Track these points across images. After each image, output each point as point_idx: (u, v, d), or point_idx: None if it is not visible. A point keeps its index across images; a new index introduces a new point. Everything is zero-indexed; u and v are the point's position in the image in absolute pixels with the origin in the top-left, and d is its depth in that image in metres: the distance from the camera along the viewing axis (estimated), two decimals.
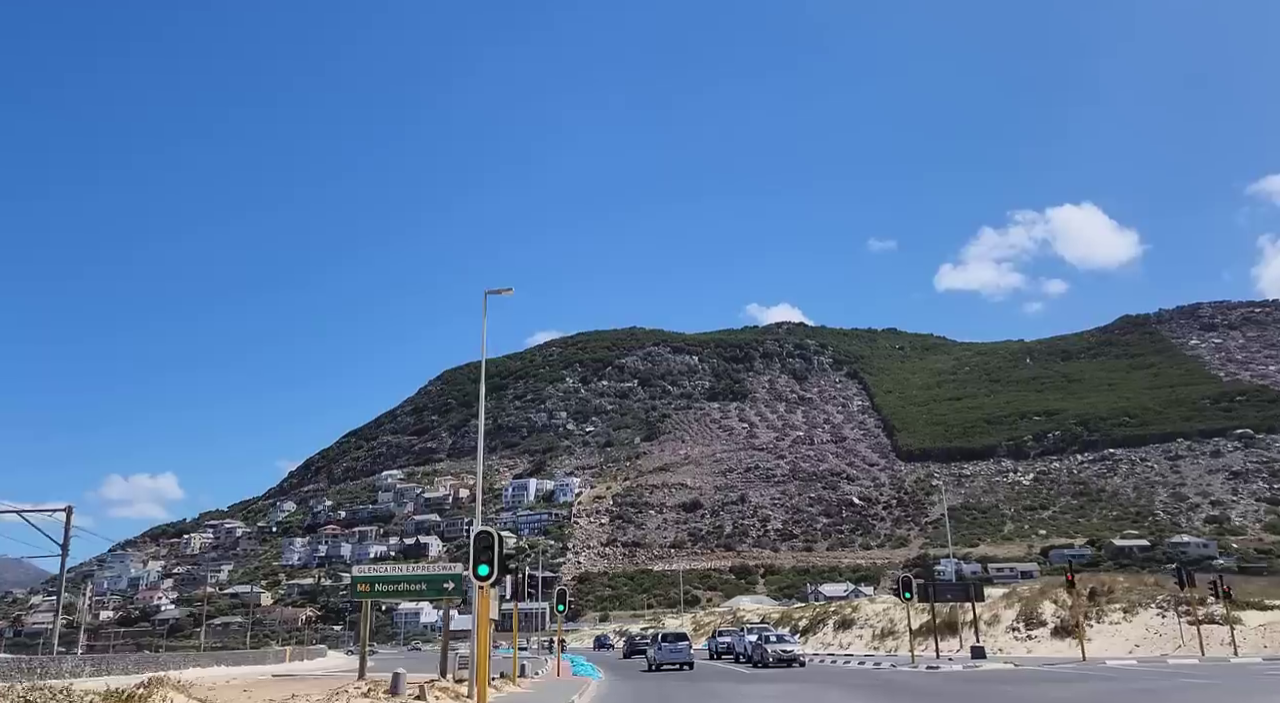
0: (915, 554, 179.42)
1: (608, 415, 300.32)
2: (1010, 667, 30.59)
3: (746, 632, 47.85)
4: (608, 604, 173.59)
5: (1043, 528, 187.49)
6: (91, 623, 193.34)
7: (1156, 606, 33.31)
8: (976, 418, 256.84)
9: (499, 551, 18.78)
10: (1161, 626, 32.28)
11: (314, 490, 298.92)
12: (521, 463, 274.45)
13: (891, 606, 51.29)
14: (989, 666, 31.13)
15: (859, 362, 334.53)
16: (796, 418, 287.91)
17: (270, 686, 30.15)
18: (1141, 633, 32.78)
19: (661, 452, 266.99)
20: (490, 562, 18.52)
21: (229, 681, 35.02)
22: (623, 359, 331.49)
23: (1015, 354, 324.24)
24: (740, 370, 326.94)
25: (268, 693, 24.04)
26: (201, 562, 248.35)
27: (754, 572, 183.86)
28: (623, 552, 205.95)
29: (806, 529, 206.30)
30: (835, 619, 53.85)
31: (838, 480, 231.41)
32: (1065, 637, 34.73)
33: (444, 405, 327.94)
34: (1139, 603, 34.21)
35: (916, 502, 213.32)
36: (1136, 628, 33.22)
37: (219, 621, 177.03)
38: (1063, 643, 35.87)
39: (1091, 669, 27.47)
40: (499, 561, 18.75)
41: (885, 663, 36.19)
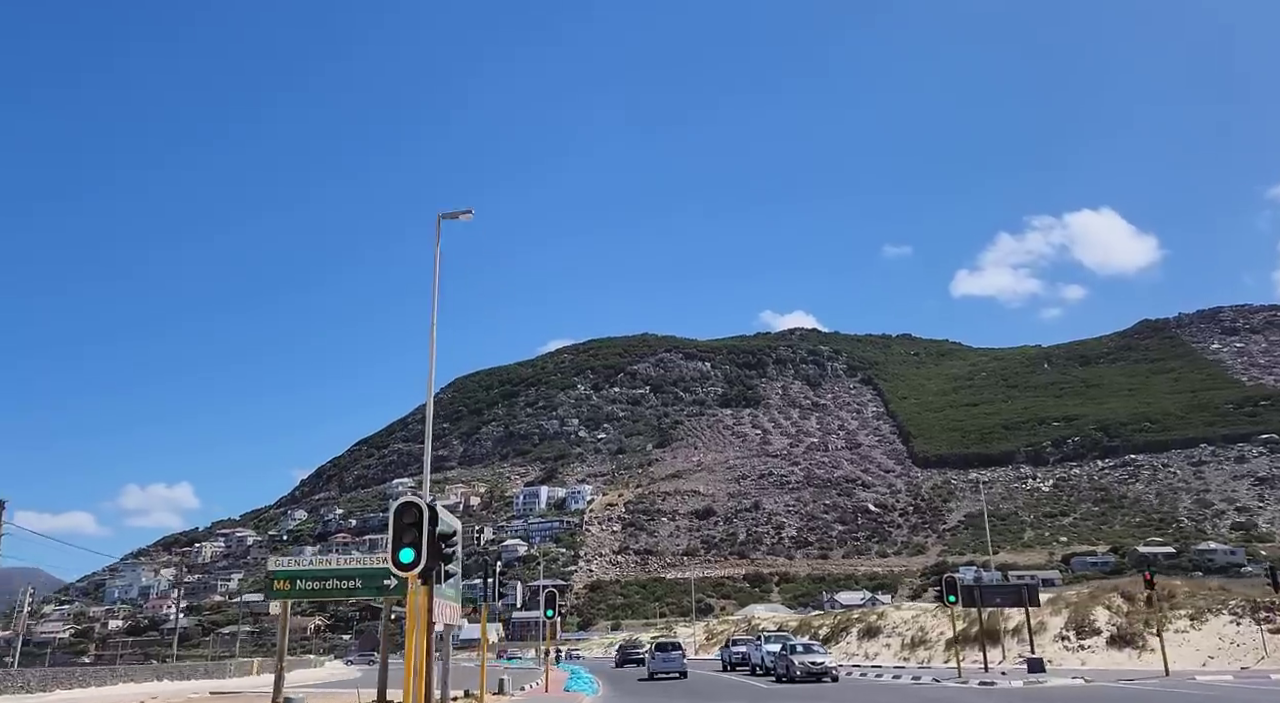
0: (933, 562, 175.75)
1: (620, 422, 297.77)
2: (1079, 682, 26.90)
3: (765, 640, 43.32)
4: (620, 613, 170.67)
5: (1063, 535, 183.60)
6: (101, 632, 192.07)
7: (1230, 612, 30.18)
8: (994, 424, 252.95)
9: (429, 529, 13.11)
10: (1236, 634, 29.12)
11: (325, 499, 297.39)
12: (533, 471, 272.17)
13: (921, 612, 47.92)
14: (1054, 682, 27.33)
15: (873, 368, 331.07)
16: (810, 424, 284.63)
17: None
18: (1214, 643, 29.45)
19: (674, 459, 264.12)
20: (417, 545, 12.92)
21: (146, 700, 32.39)
22: (635, 366, 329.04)
23: (1033, 359, 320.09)
24: (753, 377, 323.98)
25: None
26: (212, 571, 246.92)
27: (768, 580, 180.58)
28: (635, 560, 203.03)
29: (822, 537, 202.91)
30: (859, 627, 50.62)
31: (853, 487, 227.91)
32: (1124, 647, 31.74)
33: (455, 413, 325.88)
34: (1207, 609, 31.10)
35: (934, 508, 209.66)
36: (1207, 637, 29.91)
37: (227, 630, 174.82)
38: (1120, 654, 32.49)
39: (1178, 686, 24.03)
40: (429, 543, 13.10)
41: (925, 677, 32.49)
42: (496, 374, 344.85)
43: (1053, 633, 35.20)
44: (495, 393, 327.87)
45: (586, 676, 41.23)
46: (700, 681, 36.74)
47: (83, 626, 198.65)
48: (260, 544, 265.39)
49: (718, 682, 35.74)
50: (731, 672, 44.20)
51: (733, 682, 35.26)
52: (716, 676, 41.06)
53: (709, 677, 40.10)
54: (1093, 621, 33.48)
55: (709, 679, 37.76)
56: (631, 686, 34.39)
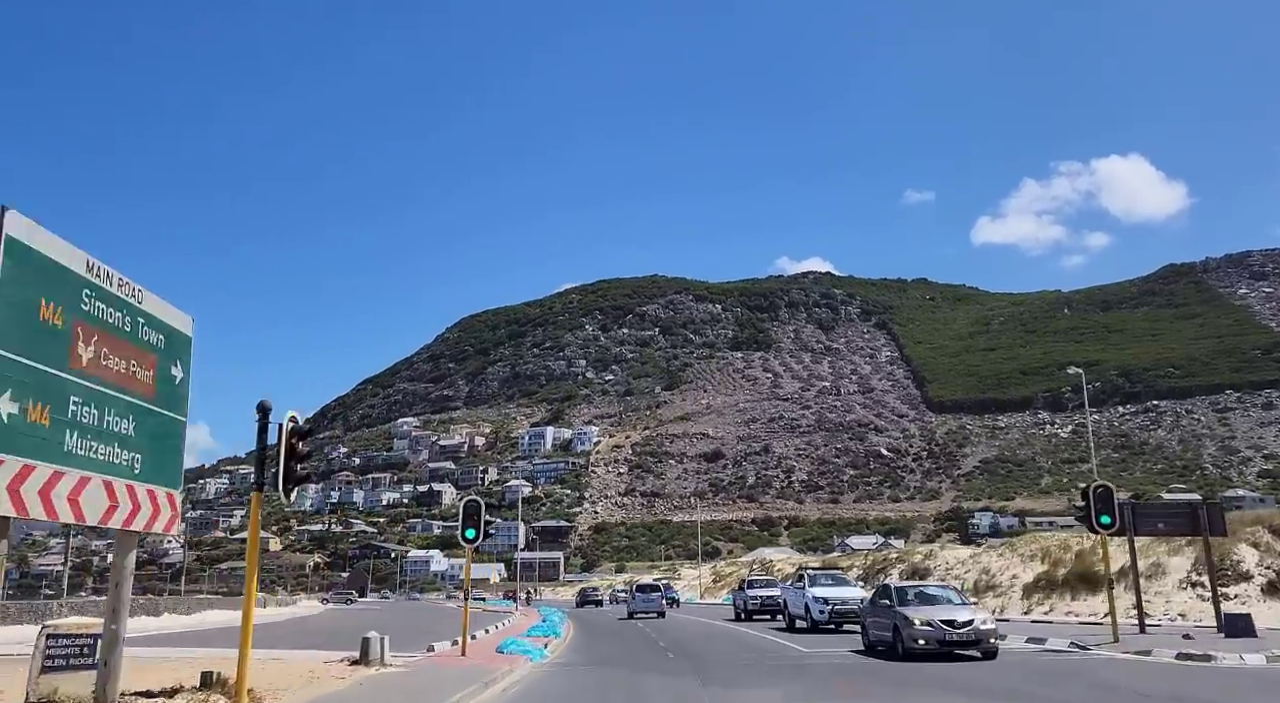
0: (947, 507, 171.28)
1: (628, 364, 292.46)
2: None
3: (811, 581, 28.32)
4: (625, 555, 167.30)
5: (1082, 481, 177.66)
6: (100, 565, 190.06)
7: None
8: (1011, 369, 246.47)
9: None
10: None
11: (329, 438, 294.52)
12: (539, 411, 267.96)
13: (980, 551, 41.19)
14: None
15: (888, 312, 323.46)
16: (822, 368, 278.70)
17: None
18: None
19: (683, 401, 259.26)
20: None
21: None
22: (644, 307, 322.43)
23: (1052, 304, 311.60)
24: (765, 320, 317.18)
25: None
26: (215, 507, 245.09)
27: (777, 524, 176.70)
28: (641, 502, 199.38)
29: (833, 481, 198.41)
30: (900, 570, 42.49)
31: (865, 432, 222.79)
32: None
33: (461, 353, 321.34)
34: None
35: (948, 454, 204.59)
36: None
37: (225, 565, 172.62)
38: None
39: None
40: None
41: (1058, 641, 20.59)
42: (504, 314, 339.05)
43: (1175, 577, 27.90)
44: (502, 333, 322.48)
45: (550, 626, 30.16)
46: (708, 636, 26.50)
47: (83, 559, 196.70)
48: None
49: (740, 640, 24.70)
50: (746, 621, 33.43)
51: (770, 644, 22.90)
52: (733, 629, 30.03)
53: (724, 630, 29.49)
54: (1237, 562, 26.64)
55: (725, 636, 26.75)
56: (608, 645, 24.51)
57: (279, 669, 15.46)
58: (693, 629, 30.65)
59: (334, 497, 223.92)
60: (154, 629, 30.77)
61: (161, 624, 36.11)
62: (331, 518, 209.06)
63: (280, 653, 19.52)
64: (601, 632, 30.46)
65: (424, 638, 23.47)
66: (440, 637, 23.93)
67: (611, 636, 27.97)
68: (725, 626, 31.96)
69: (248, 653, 10.32)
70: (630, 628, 31.81)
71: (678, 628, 30.99)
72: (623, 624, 34.11)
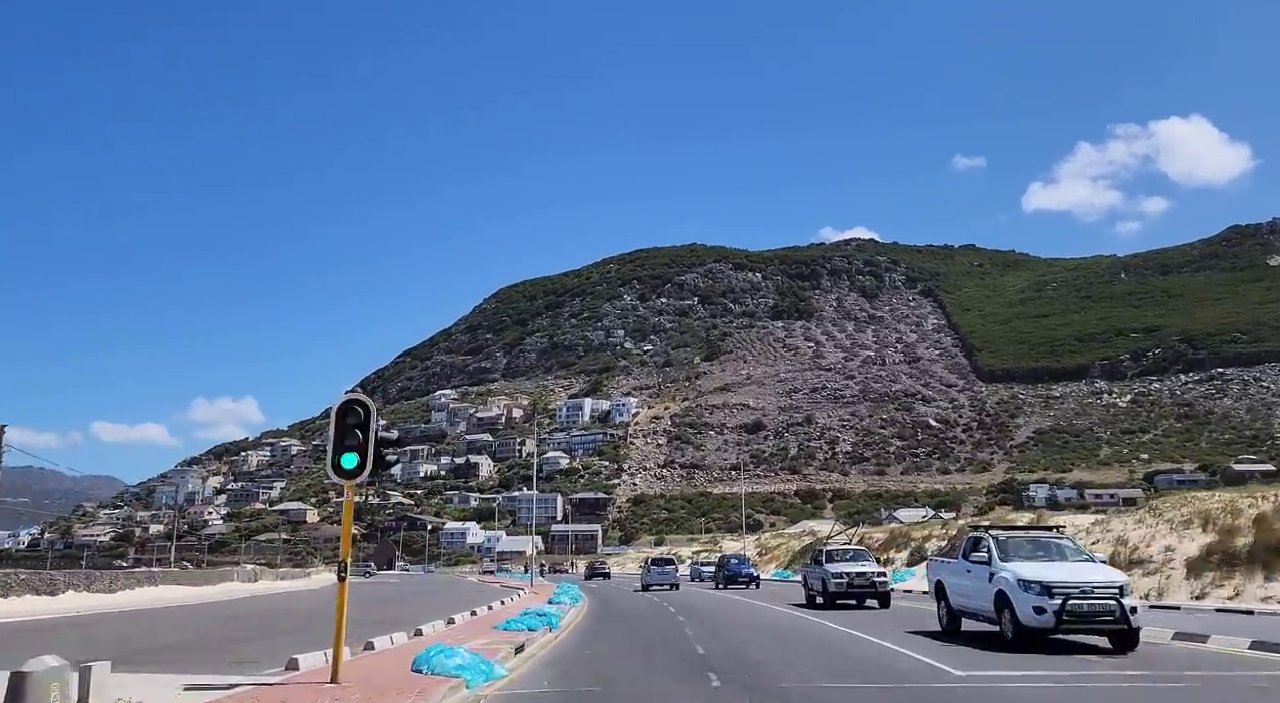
0: (1000, 478, 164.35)
1: (666, 334, 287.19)
2: None
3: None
4: (664, 527, 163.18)
5: (1144, 452, 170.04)
6: (141, 536, 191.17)
7: None
8: (1065, 336, 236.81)
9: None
10: None
11: None
12: (577, 383, 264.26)
13: (1107, 517, 33.76)
14: None
15: (934, 279, 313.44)
16: (866, 337, 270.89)
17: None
18: None
19: (722, 371, 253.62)
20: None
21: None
22: (682, 277, 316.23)
23: (1108, 269, 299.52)
24: (806, 288, 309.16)
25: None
26: (257, 479, 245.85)
27: (821, 496, 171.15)
28: (680, 473, 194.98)
29: (879, 452, 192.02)
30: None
31: (912, 401, 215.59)
32: None
33: (499, 324, 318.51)
34: None
35: (999, 424, 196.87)
36: None
37: (263, 536, 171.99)
38: None
39: None
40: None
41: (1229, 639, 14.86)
42: (541, 285, 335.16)
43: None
44: (540, 303, 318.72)
45: (549, 612, 24.73)
46: (779, 639, 17.46)
47: (125, 529, 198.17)
48: (304, 453, 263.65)
49: (832, 646, 15.94)
50: (824, 609, 24.41)
51: (898, 660, 13.56)
52: (811, 623, 20.56)
53: (798, 625, 20.47)
54: None
55: (804, 635, 18.07)
56: (616, 651, 15.80)
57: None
58: (749, 622, 21.61)
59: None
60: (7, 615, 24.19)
61: (38, 608, 27.36)
62: (369, 490, 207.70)
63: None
64: (614, 621, 22.61)
65: (360, 631, 15.87)
66: (392, 627, 17.96)
67: (626, 630, 19.62)
68: (796, 617, 22.51)
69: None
70: (654, 615, 24.10)
71: (726, 619, 22.30)
72: (645, 610, 26.46)
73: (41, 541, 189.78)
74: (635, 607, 28.44)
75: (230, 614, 27.56)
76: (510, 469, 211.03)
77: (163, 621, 24.68)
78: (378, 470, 11.90)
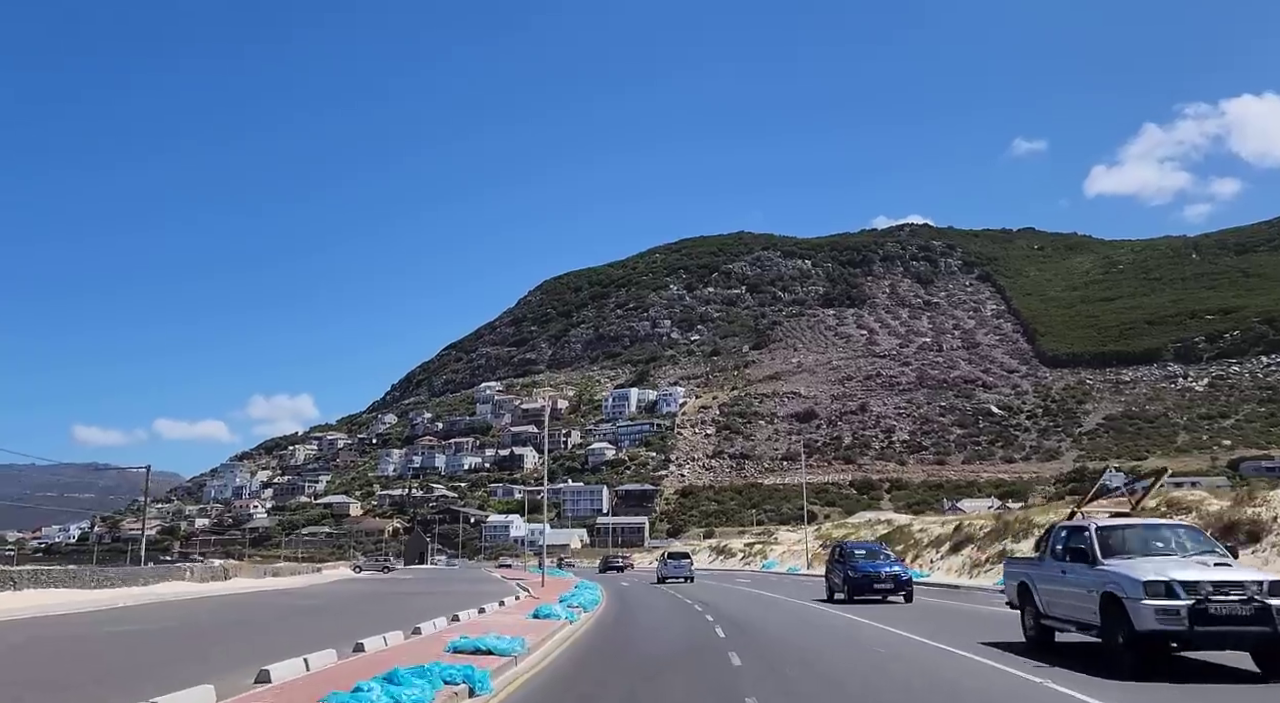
0: (1070, 468, 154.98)
1: (714, 323, 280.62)
2: None
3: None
4: (713, 519, 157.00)
5: (1226, 438, 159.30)
6: (187, 529, 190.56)
7: None
8: (1135, 319, 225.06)
9: None
10: None
11: (414, 403, 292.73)
12: (623, 374, 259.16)
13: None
14: None
15: (992, 264, 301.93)
16: (921, 324, 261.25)
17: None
18: None
19: (772, 360, 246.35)
20: None
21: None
22: (730, 265, 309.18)
23: (1177, 250, 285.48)
24: (858, 275, 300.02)
25: None
26: (303, 473, 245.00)
27: (878, 486, 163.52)
28: (730, 464, 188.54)
29: (938, 441, 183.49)
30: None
31: (972, 388, 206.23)
32: None
33: (544, 316, 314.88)
34: None
35: (1066, 411, 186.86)
36: None
37: (306, 530, 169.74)
38: None
39: None
40: None
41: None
42: (586, 275, 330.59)
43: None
44: (585, 294, 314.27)
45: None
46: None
47: (171, 523, 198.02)
48: (350, 447, 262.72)
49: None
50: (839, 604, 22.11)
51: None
52: (893, 637, 15.83)
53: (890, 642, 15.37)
54: None
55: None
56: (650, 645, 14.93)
57: None
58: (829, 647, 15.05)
59: (416, 461, 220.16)
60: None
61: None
62: (414, 482, 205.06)
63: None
64: (634, 648, 15.42)
65: (300, 644, 12.60)
66: (334, 640, 13.47)
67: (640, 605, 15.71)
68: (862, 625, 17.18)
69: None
70: (689, 635, 17.03)
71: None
72: (679, 633, 17.50)
73: (90, 535, 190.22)
74: (653, 616, 22.32)
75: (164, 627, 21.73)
76: (555, 461, 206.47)
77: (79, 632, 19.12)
78: None
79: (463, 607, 20.99)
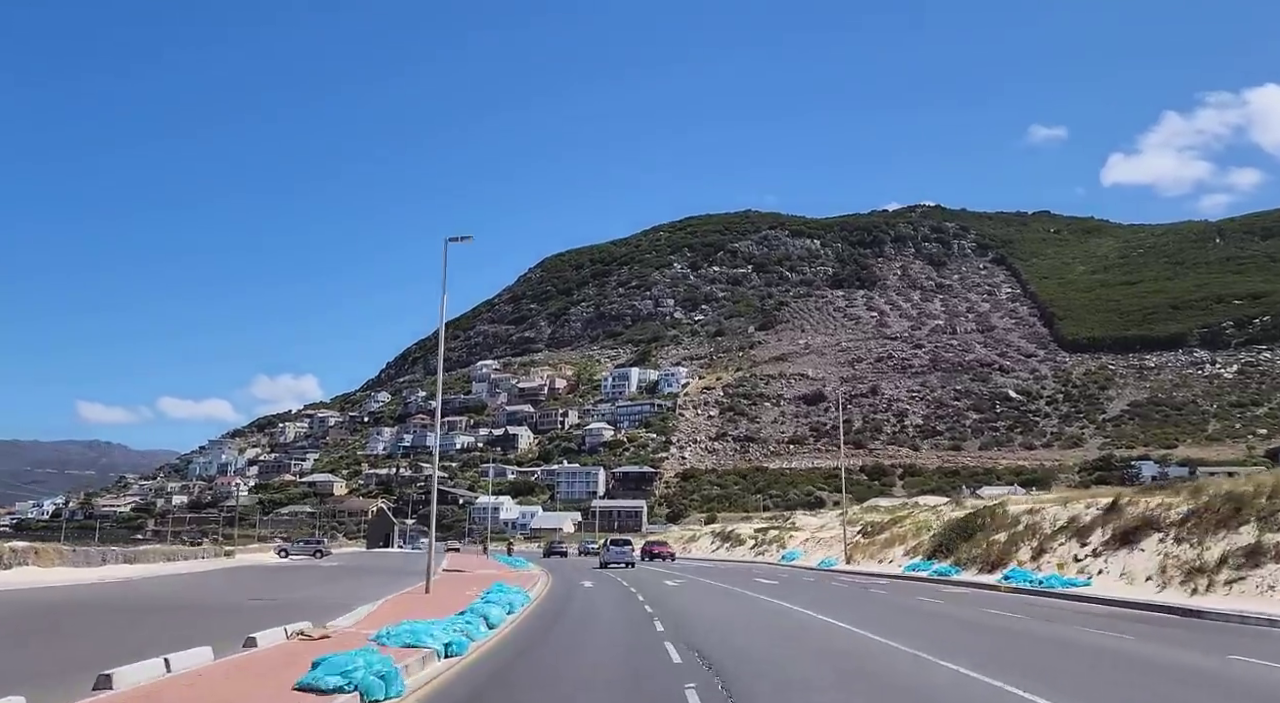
0: (1095, 455, 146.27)
1: (719, 303, 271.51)
2: None
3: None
4: (716, 504, 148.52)
5: (1260, 427, 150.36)
6: (163, 507, 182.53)
7: None
8: (1158, 303, 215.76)
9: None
10: None
11: (409, 381, 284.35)
12: (624, 353, 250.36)
13: None
14: None
15: (1006, 246, 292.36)
16: (934, 306, 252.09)
17: None
18: None
19: (778, 341, 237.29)
20: None
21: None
22: (736, 244, 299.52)
23: (1200, 234, 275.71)
24: (868, 256, 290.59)
25: None
26: (291, 451, 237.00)
27: (890, 472, 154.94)
28: (734, 447, 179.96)
29: (953, 425, 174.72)
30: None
31: (988, 372, 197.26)
32: None
33: (544, 294, 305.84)
34: None
35: (1088, 396, 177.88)
36: None
37: (287, 509, 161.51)
38: None
39: None
40: None
41: None
42: (588, 253, 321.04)
43: None
44: (586, 272, 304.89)
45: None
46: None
47: (147, 501, 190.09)
48: (341, 425, 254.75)
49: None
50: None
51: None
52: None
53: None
54: None
55: None
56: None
57: None
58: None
59: (407, 440, 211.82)
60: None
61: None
62: (404, 461, 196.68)
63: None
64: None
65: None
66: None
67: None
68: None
69: None
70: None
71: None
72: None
73: (64, 511, 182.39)
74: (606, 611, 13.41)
75: None
76: (551, 441, 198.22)
77: None
78: None
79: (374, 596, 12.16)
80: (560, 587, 28.79)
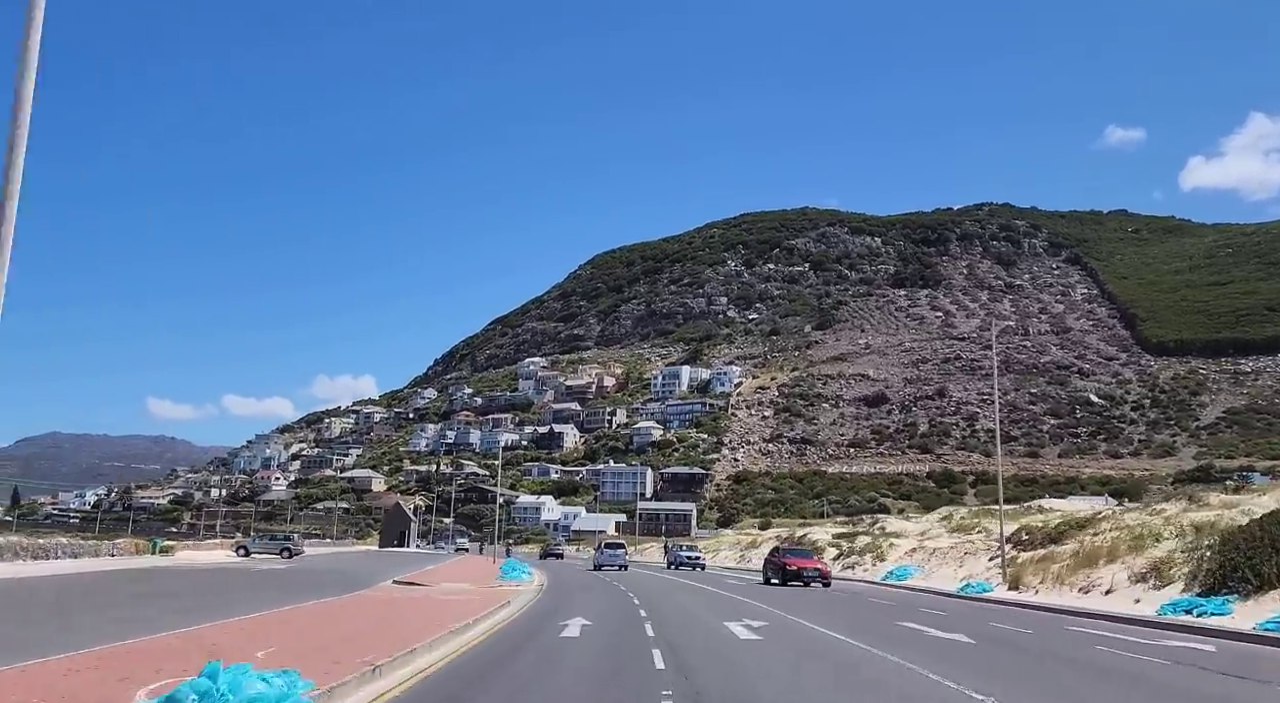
0: (1190, 465, 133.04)
1: (774, 302, 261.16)
2: None
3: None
4: (770, 509, 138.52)
5: None
6: (201, 500, 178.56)
7: None
8: (1253, 304, 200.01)
9: None
10: None
11: (455, 378, 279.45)
12: (675, 352, 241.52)
13: None
14: None
15: (1081, 245, 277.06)
16: (1003, 307, 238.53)
17: None
18: None
19: (836, 341, 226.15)
20: None
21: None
22: (792, 241, 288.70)
23: None
24: (932, 254, 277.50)
25: None
26: (334, 446, 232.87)
27: (960, 479, 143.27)
28: (789, 449, 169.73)
29: (1029, 431, 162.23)
30: None
31: (1066, 375, 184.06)
32: None
33: (593, 291, 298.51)
34: None
35: (1178, 403, 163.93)
36: None
37: (321, 505, 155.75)
38: None
39: None
40: None
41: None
42: (639, 249, 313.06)
43: None
44: (637, 269, 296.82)
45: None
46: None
47: (184, 492, 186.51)
48: (385, 421, 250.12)
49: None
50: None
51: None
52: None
53: None
54: None
55: None
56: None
57: None
58: None
59: (450, 437, 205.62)
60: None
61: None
62: (447, 459, 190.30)
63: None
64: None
65: None
66: None
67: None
68: None
69: None
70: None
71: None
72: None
73: (104, 503, 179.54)
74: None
75: None
76: (598, 440, 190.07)
77: None
78: None
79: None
80: (530, 621, 18.32)
